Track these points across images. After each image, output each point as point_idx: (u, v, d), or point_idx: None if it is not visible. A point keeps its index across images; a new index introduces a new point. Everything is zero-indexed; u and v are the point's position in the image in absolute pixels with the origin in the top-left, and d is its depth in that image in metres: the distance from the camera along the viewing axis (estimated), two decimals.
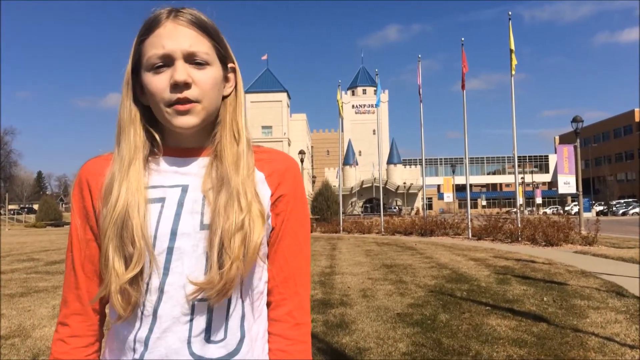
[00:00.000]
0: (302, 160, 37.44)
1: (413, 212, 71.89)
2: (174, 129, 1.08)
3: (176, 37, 1.05)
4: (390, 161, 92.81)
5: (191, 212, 1.07)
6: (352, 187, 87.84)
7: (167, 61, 1.04)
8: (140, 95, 1.11)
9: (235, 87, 1.17)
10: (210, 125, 1.13)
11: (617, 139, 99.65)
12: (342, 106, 30.79)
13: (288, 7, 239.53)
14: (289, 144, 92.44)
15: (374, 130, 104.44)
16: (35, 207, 70.53)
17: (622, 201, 72.74)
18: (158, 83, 1.04)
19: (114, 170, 1.09)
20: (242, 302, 1.09)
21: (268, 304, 1.17)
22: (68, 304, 1.15)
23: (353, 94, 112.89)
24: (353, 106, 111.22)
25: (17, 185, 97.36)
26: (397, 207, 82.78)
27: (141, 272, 1.04)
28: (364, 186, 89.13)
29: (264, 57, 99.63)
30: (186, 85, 1.04)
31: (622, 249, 15.53)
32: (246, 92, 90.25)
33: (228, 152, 1.10)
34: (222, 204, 1.05)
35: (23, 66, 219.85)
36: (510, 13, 20.12)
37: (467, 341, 5.54)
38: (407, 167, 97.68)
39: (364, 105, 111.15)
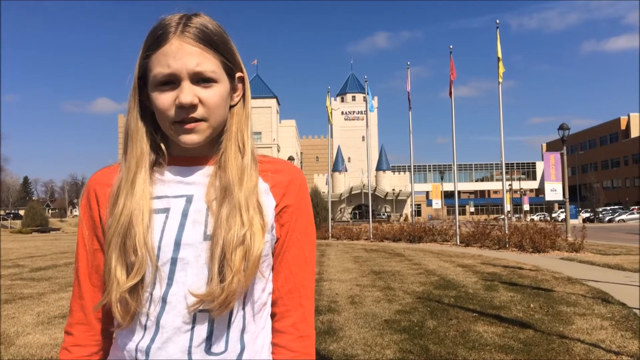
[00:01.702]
0: None
1: (402, 219, 72.04)
2: (179, 144, 1.08)
3: (182, 56, 1.03)
4: (379, 168, 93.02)
5: (195, 223, 1.07)
6: (341, 194, 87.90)
7: (173, 80, 1.04)
8: (148, 101, 1.11)
9: (244, 96, 1.16)
10: (216, 134, 1.12)
11: (603, 146, 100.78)
12: (331, 113, 30.86)
13: (277, 13, 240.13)
14: (279, 150, 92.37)
15: (363, 137, 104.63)
16: (21, 212, 69.76)
17: (608, 208, 73.44)
18: (164, 101, 1.04)
19: (120, 179, 1.10)
20: (244, 313, 1.09)
21: (273, 315, 1.17)
22: (72, 313, 1.17)
23: (342, 101, 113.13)
24: (342, 113, 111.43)
25: (3, 191, 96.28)
26: (386, 214, 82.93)
27: (143, 281, 1.04)
28: (353, 192, 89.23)
29: (254, 62, 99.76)
30: (192, 107, 1.03)
31: (608, 256, 15.67)
32: None
33: (232, 163, 1.10)
34: (225, 215, 1.05)
35: (10, 69, 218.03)
36: (498, 21, 20.33)
37: (455, 348, 5.55)
38: (396, 173, 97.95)
39: (354, 112, 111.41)
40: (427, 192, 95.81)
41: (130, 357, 1.07)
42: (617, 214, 63.70)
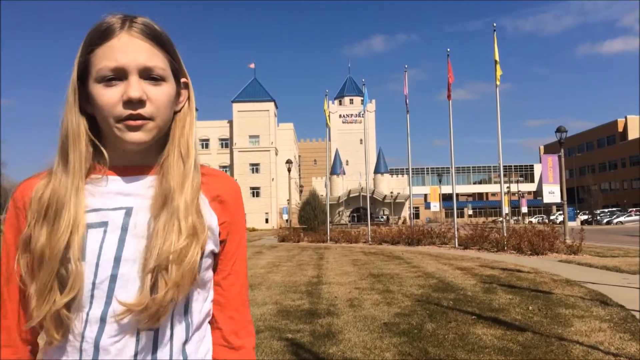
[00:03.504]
0: (289, 170, 37.41)
1: (400, 222, 72.14)
2: (123, 145, 1.02)
3: (131, 50, 0.99)
4: (377, 170, 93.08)
5: (136, 237, 1.02)
6: (339, 197, 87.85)
7: (120, 75, 0.99)
8: (85, 105, 1.04)
9: (188, 102, 1.13)
10: (158, 142, 1.07)
11: (601, 148, 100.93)
12: (329, 116, 30.92)
13: (275, 17, 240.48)
14: (276, 153, 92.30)
15: (361, 140, 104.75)
16: None
17: (606, 210, 73.58)
18: (109, 97, 0.98)
19: (61, 185, 1.02)
20: (187, 325, 1.06)
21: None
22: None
23: (340, 104, 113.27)
24: (340, 116, 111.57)
25: (2, 195, 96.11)
26: (384, 217, 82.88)
27: (78, 300, 0.98)
28: (351, 195, 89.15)
29: (252, 66, 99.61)
30: (140, 103, 0.99)
31: (606, 258, 15.69)
32: (233, 101, 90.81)
33: (174, 170, 1.05)
34: (162, 224, 1.00)
35: (5, 73, 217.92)
36: (495, 25, 20.41)
37: (454, 350, 5.55)
38: (394, 176, 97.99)
39: (351, 115, 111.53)
40: (426, 195, 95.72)
41: None
42: (615, 216, 63.81)
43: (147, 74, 1.00)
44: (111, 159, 1.07)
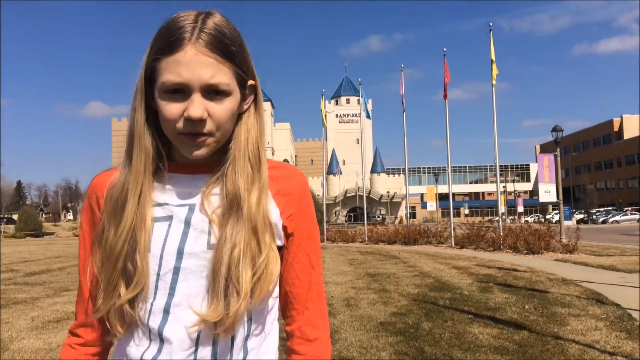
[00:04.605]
0: None
1: (397, 221, 72.16)
2: (187, 155, 1.04)
3: (196, 67, 0.97)
4: (374, 170, 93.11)
5: (198, 231, 1.04)
6: (336, 196, 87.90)
7: (183, 90, 0.98)
8: (153, 101, 1.05)
9: (256, 105, 1.11)
10: (221, 145, 1.08)
11: (597, 148, 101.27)
12: (325, 115, 30.88)
13: (271, 17, 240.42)
14: (273, 153, 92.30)
15: (357, 140, 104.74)
16: (15, 217, 69.40)
17: (602, 209, 73.75)
18: (171, 111, 0.98)
19: (123, 184, 1.05)
20: (250, 322, 1.07)
21: (284, 317, 1.18)
22: (77, 316, 1.15)
23: (337, 104, 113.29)
24: (337, 115, 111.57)
25: (1, 194, 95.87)
26: (380, 216, 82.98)
27: (144, 292, 1.02)
28: (347, 195, 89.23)
29: None
30: (201, 121, 0.98)
31: (602, 257, 15.73)
32: None
33: (242, 173, 1.05)
34: (230, 231, 1.01)
35: (2, 72, 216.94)
36: (491, 24, 20.42)
37: (450, 349, 5.56)
38: (391, 176, 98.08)
39: (348, 115, 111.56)
40: (422, 195, 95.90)
41: None
42: (610, 215, 63.98)
43: (210, 90, 0.99)
44: (175, 157, 1.10)
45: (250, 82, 1.08)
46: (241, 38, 1.05)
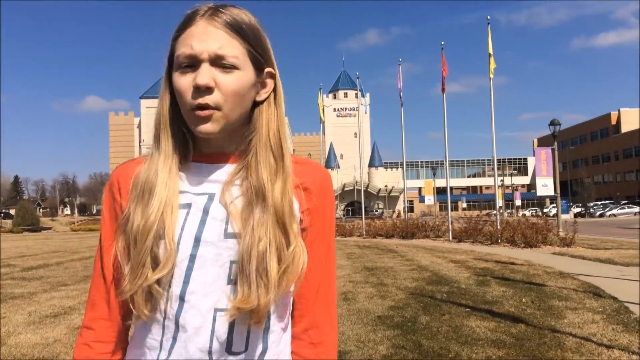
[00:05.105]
0: None
1: (394, 215, 72.28)
2: (196, 134, 1.04)
3: (206, 37, 1.00)
4: (371, 164, 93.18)
5: (216, 220, 1.03)
6: (334, 190, 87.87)
7: (194, 62, 1.00)
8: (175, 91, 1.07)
9: (275, 95, 1.11)
10: (240, 131, 1.08)
11: (594, 141, 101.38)
12: (323, 109, 30.86)
13: (268, 11, 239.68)
14: None
15: (355, 134, 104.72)
16: (12, 212, 69.28)
17: (599, 203, 73.99)
18: (182, 84, 1.00)
19: (154, 168, 1.06)
20: (269, 313, 1.04)
21: (290, 317, 1.14)
22: (96, 307, 1.11)
23: (334, 97, 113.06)
24: (334, 109, 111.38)
25: (0, 192, 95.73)
26: (378, 210, 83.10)
27: (168, 276, 1.01)
28: (345, 189, 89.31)
29: None
30: (208, 90, 0.99)
31: (599, 250, 15.78)
32: None
33: (264, 165, 1.05)
34: (256, 222, 1.01)
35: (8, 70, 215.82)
36: (489, 17, 20.41)
37: (447, 343, 5.56)
38: (389, 170, 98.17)
39: (346, 109, 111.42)
40: (420, 189, 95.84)
41: (150, 356, 1.03)
42: (608, 209, 64.15)
43: (219, 62, 1.00)
44: (196, 146, 1.10)
45: (269, 69, 1.09)
46: (258, 26, 1.07)
